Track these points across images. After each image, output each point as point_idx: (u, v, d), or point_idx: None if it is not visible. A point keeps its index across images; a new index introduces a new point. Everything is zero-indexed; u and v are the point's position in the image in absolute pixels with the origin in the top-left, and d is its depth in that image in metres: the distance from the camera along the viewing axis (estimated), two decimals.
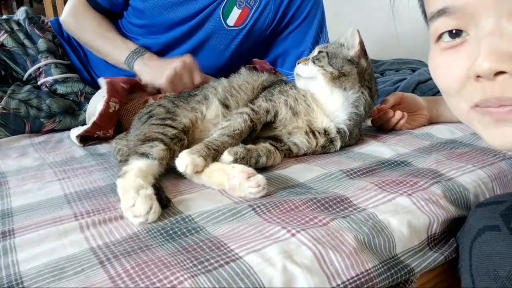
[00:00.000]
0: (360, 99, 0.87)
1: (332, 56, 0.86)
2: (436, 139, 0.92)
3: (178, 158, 0.68)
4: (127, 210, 0.58)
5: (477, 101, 0.45)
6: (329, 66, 0.85)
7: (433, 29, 0.49)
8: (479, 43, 0.43)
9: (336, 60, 0.86)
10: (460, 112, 0.50)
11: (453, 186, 0.66)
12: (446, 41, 0.47)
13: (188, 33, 1.19)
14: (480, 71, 0.42)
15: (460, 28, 0.46)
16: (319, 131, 0.85)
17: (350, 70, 0.85)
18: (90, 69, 1.27)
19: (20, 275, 0.46)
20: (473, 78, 0.44)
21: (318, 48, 0.92)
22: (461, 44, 0.46)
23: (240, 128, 0.77)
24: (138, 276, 0.44)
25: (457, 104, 0.50)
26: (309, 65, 0.87)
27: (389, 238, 0.55)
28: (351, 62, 0.86)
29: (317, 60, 0.86)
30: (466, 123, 0.51)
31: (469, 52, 0.44)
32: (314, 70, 0.86)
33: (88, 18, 1.18)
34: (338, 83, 0.85)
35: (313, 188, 0.68)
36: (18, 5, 2.93)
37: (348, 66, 0.86)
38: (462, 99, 0.48)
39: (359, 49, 0.87)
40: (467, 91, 0.46)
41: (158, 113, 0.85)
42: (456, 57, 0.47)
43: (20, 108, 1.07)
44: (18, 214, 0.62)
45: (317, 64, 0.86)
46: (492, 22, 0.42)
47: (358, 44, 0.87)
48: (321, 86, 0.86)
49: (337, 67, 0.85)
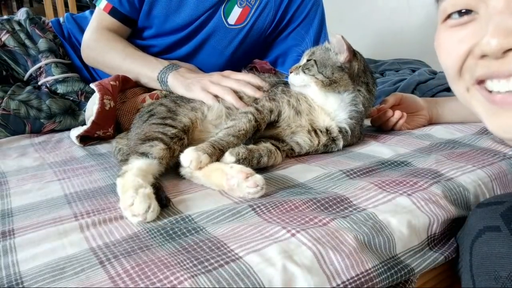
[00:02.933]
0: (358, 98, 0.88)
1: (321, 64, 0.86)
2: (436, 139, 0.92)
3: (183, 154, 0.69)
4: (126, 209, 0.58)
5: (478, 74, 0.44)
6: (319, 74, 0.85)
7: (442, 8, 0.48)
8: (488, 22, 0.42)
9: (325, 69, 0.86)
10: (460, 93, 0.50)
11: (453, 186, 0.66)
12: (454, 19, 0.47)
13: (192, 34, 1.19)
14: (488, 49, 0.42)
15: (469, 8, 0.45)
16: (321, 130, 0.86)
17: (340, 77, 0.85)
18: (91, 69, 1.27)
19: (20, 275, 0.46)
20: (477, 57, 0.43)
21: (306, 55, 0.92)
22: (469, 22, 0.45)
23: (245, 128, 0.78)
24: (138, 276, 0.44)
25: (457, 85, 0.49)
26: (300, 74, 0.88)
27: (389, 238, 0.55)
28: (341, 69, 0.86)
29: (307, 69, 0.87)
30: (467, 105, 0.51)
31: (476, 30, 0.44)
32: (305, 79, 0.87)
33: (113, 41, 1.16)
34: (331, 89, 0.86)
35: (313, 188, 0.68)
36: (18, 5, 2.92)
37: (338, 73, 0.86)
38: (461, 79, 0.47)
39: (347, 54, 0.86)
40: (469, 66, 0.45)
41: (159, 112, 0.85)
42: (463, 32, 0.46)
43: (20, 109, 1.07)
44: (18, 214, 0.62)
45: (308, 74, 0.86)
46: (503, 1, 0.42)
47: (346, 50, 0.85)
48: (315, 92, 0.87)
49: (327, 75, 0.85)
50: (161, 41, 1.21)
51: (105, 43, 1.15)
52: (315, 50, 0.91)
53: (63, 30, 1.31)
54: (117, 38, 1.17)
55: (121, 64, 1.13)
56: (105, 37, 1.16)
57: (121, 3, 1.15)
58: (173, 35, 1.20)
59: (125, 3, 1.15)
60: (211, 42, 1.20)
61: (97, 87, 1.00)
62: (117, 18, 1.17)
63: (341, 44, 0.86)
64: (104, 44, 1.15)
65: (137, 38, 1.22)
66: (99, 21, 1.18)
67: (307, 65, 0.88)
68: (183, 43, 1.21)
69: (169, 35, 1.20)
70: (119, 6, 1.15)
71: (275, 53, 1.29)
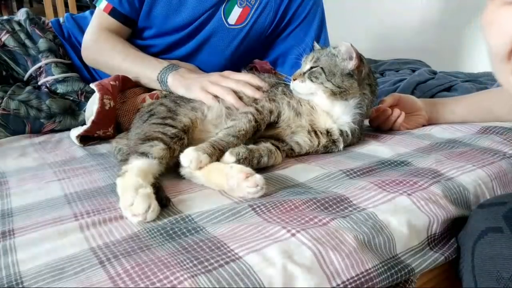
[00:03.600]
0: (363, 101, 0.87)
1: (329, 72, 0.84)
2: (435, 139, 0.92)
3: (183, 153, 0.69)
4: (126, 209, 0.58)
5: None
6: (328, 82, 0.83)
7: None
8: None
9: (334, 77, 0.83)
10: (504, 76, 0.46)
11: (453, 186, 0.66)
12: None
13: (192, 34, 1.19)
14: None
15: None
16: (321, 131, 0.85)
17: (350, 84, 0.84)
18: (91, 68, 1.27)
19: (20, 275, 0.46)
20: None
21: (309, 61, 0.88)
22: None
23: (245, 128, 0.77)
24: (138, 276, 0.44)
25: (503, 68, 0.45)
26: (306, 83, 0.85)
27: (389, 238, 0.55)
28: (350, 76, 0.84)
29: (315, 77, 0.84)
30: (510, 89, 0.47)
31: None
32: (312, 87, 0.84)
33: (113, 41, 1.15)
34: (339, 97, 0.84)
35: (313, 188, 0.68)
36: (18, 5, 2.93)
37: (348, 81, 0.84)
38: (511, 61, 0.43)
39: (357, 62, 0.84)
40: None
41: (159, 112, 0.85)
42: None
43: (20, 109, 1.07)
44: (18, 214, 0.62)
45: (315, 82, 0.84)
46: None
47: (355, 58, 0.84)
48: (322, 99, 0.85)
49: (337, 83, 0.83)
50: (161, 41, 1.21)
51: (105, 44, 1.15)
52: (320, 56, 0.87)
53: (63, 30, 1.31)
54: (117, 38, 1.17)
55: (121, 64, 1.13)
56: (105, 38, 1.16)
57: (121, 3, 1.15)
58: (173, 35, 1.20)
59: (125, 4, 1.15)
60: (211, 42, 1.20)
61: (97, 87, 1.00)
62: (117, 18, 1.17)
63: (350, 52, 0.84)
64: (104, 45, 1.15)
65: (137, 38, 1.22)
66: (99, 22, 1.18)
67: (314, 72, 0.85)
68: (183, 43, 1.21)
69: (169, 35, 1.20)
70: (119, 7, 1.15)
71: (275, 53, 1.29)
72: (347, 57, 0.84)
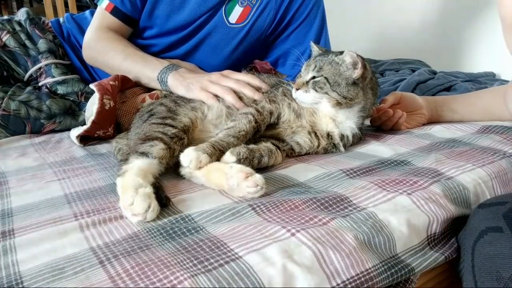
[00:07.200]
0: (366, 104, 0.88)
1: (334, 81, 0.82)
2: (435, 138, 0.92)
3: (183, 153, 0.69)
4: (126, 209, 0.58)
5: None
6: (333, 92, 0.82)
7: None
8: None
9: (339, 87, 0.82)
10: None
11: (453, 185, 0.66)
12: None
13: (192, 32, 1.19)
14: None
15: None
16: (321, 134, 0.85)
17: (356, 93, 0.83)
18: (91, 69, 1.27)
19: (20, 275, 0.46)
20: None
21: (311, 70, 0.85)
22: None
23: (245, 129, 0.77)
24: (138, 276, 0.44)
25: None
26: (310, 92, 0.83)
27: (389, 237, 0.55)
28: (355, 84, 0.83)
29: (319, 88, 0.82)
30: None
31: None
32: (317, 97, 0.83)
33: (114, 41, 1.15)
34: (344, 105, 0.83)
35: (313, 187, 0.68)
36: (18, 5, 2.93)
37: (353, 91, 0.82)
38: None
39: (362, 71, 0.82)
40: None
41: (159, 111, 0.85)
42: None
43: (20, 109, 1.07)
44: (18, 214, 0.62)
45: (320, 92, 0.82)
46: None
47: (361, 68, 0.82)
48: (327, 108, 0.84)
49: (343, 93, 0.82)
50: (162, 40, 1.21)
51: (106, 43, 1.15)
52: (322, 65, 0.84)
53: (62, 31, 1.31)
54: (118, 38, 1.17)
55: (121, 64, 1.13)
56: (106, 37, 1.16)
57: (123, 2, 1.15)
58: (174, 34, 1.20)
59: (127, 3, 1.15)
60: (211, 40, 1.20)
61: (97, 87, 1.00)
62: (119, 17, 1.17)
63: (355, 62, 0.82)
64: (105, 44, 1.15)
65: (138, 38, 1.22)
66: (101, 21, 1.18)
67: (318, 83, 0.82)
68: (184, 41, 1.21)
69: (170, 34, 1.20)
70: (121, 6, 1.15)
71: (275, 53, 1.29)
72: (351, 67, 0.83)
